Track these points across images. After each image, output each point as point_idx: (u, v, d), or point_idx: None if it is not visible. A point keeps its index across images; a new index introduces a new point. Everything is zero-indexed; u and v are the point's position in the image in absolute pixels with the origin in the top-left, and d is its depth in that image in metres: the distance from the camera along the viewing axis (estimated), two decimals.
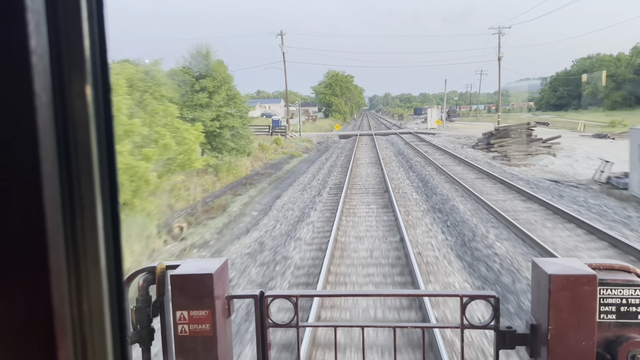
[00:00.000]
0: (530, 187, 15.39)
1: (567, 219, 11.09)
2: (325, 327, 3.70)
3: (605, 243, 9.32)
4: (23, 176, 0.55)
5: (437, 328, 5.69)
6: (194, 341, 1.61)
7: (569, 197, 13.94)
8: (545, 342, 1.49)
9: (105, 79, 0.62)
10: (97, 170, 0.61)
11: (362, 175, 19.49)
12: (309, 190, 16.46)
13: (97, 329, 0.62)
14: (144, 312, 1.67)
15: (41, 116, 0.55)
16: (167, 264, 1.74)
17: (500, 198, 13.89)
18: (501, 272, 7.94)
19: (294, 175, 21.64)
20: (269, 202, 15.28)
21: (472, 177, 18.09)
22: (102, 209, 0.62)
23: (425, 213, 12.39)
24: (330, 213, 12.39)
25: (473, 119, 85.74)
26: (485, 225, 10.88)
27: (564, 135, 30.64)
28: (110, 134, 0.64)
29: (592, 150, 24.66)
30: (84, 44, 0.59)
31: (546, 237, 9.65)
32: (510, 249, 9.12)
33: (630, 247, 8.67)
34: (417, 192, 15.41)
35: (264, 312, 1.75)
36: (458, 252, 9.10)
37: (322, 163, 25.00)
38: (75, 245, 0.60)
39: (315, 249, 9.56)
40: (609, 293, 1.50)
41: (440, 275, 7.89)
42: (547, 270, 1.49)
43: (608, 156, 18.10)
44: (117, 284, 0.64)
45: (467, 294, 1.68)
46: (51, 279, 0.56)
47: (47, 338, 0.56)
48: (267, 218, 12.79)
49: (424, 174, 19.42)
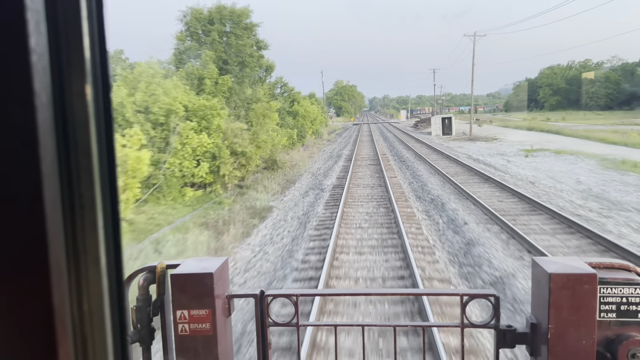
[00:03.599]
0: (420, 134, 52.33)
1: (415, 139, 45.63)
2: (325, 326, 3.71)
3: (422, 143, 38.45)
4: (23, 176, 0.55)
5: (437, 327, 5.71)
6: (195, 340, 1.61)
7: (422, 137, 47.45)
8: (545, 340, 1.49)
9: (105, 78, 0.62)
10: (97, 170, 0.61)
11: (365, 130, 65.57)
12: (349, 131, 65.85)
13: (98, 328, 0.62)
14: (144, 311, 1.67)
15: (41, 116, 0.55)
16: (167, 263, 1.74)
17: (399, 132, 59.72)
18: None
19: (341, 132, 64.45)
20: (339, 136, 56.36)
21: (399, 126, 75.82)
22: (102, 208, 0.62)
23: (380, 133, 60.55)
24: (356, 135, 53.60)
25: None
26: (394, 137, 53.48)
27: (467, 124, 52.71)
28: (110, 133, 0.64)
29: (459, 127, 51.46)
30: (83, 43, 0.59)
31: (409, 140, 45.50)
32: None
33: (426, 143, 38.49)
34: (378, 130, 69.85)
35: (264, 311, 1.75)
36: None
37: (350, 130, 68.49)
38: (76, 245, 0.60)
39: (354, 140, 45.16)
40: (609, 292, 1.50)
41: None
42: (547, 269, 1.50)
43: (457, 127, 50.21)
44: (117, 283, 0.64)
45: (467, 292, 1.69)
46: (51, 278, 0.56)
47: (47, 337, 0.56)
48: (340, 137, 54.24)
49: (384, 125, 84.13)
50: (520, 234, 9.90)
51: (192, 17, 23.21)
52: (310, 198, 15.60)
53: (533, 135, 41.86)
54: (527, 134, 44.93)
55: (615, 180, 17.51)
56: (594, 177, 18.36)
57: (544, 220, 11.47)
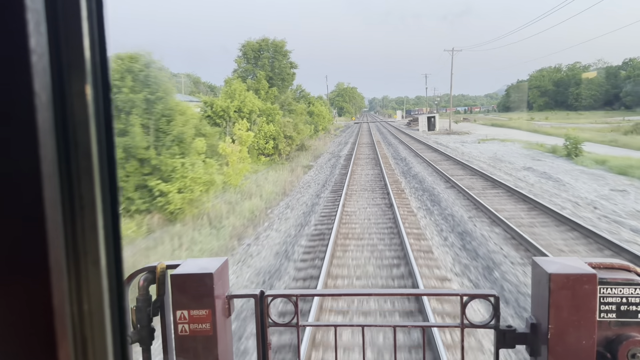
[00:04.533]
0: (410, 130, 60.97)
1: (405, 133, 55.33)
2: (325, 326, 3.70)
3: (408, 136, 48.07)
4: (23, 176, 0.55)
5: (437, 327, 5.70)
6: (194, 340, 1.61)
7: (411, 132, 56.11)
8: (545, 341, 1.49)
9: (105, 78, 0.62)
10: (97, 170, 0.61)
11: (365, 128, 72.27)
12: (351, 128, 73.87)
13: (98, 329, 0.62)
14: (144, 311, 1.67)
15: (41, 116, 0.55)
16: (167, 263, 1.74)
17: (392, 129, 68.86)
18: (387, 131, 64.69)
19: (344, 129, 70.23)
20: (343, 132, 64.41)
21: (395, 124, 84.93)
22: (102, 208, 0.62)
23: (377, 129, 68.71)
24: (358, 130, 64.47)
25: None
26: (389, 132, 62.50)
27: (457, 123, 73.81)
28: (110, 133, 0.63)
29: (444, 125, 61.25)
30: (83, 44, 0.59)
31: (400, 134, 54.57)
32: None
33: (408, 138, 45.95)
34: (377, 127, 75.19)
35: (264, 311, 1.75)
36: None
37: (352, 127, 76.71)
38: (76, 245, 0.60)
39: (356, 134, 55.48)
40: (609, 292, 1.50)
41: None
42: (547, 269, 1.50)
43: (440, 124, 60.15)
44: (117, 284, 0.64)
45: (467, 293, 1.69)
46: (51, 278, 0.56)
47: (47, 338, 0.56)
48: (344, 132, 62.96)
49: (382, 124, 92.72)
50: (435, 167, 21.47)
51: (247, 47, 34.76)
52: (332, 162, 27.32)
53: (499, 130, 51.74)
54: (496, 129, 54.83)
55: (518, 153, 28.30)
56: (507, 151, 29.34)
57: (452, 164, 22.75)
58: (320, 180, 19.78)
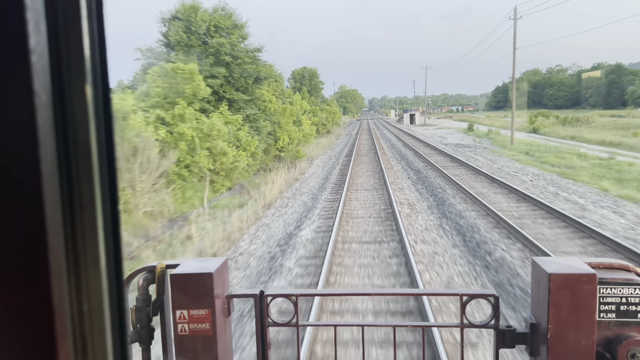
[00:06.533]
0: (397, 124, 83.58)
1: (393, 125, 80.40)
2: (325, 326, 3.70)
3: (395, 127, 72.87)
4: (22, 175, 0.55)
5: (437, 327, 5.71)
6: (194, 340, 1.61)
7: (398, 125, 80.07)
8: (545, 341, 1.49)
9: (105, 78, 0.62)
10: (97, 170, 0.61)
11: (364, 122, 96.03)
12: (354, 124, 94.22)
13: (97, 328, 0.62)
14: (143, 311, 1.67)
15: (40, 115, 0.55)
16: (166, 263, 1.74)
17: (386, 123, 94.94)
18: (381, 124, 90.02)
19: (349, 124, 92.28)
20: (349, 125, 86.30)
21: (389, 121, 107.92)
22: (102, 208, 0.62)
23: (374, 124, 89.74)
24: (360, 124, 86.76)
25: (429, 115, 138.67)
26: (383, 125, 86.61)
27: (438, 119, 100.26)
28: (110, 133, 0.63)
29: (423, 120, 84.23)
30: (83, 43, 0.59)
31: (389, 127, 75.34)
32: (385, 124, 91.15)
33: (394, 127, 70.91)
34: (374, 122, 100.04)
35: (264, 311, 1.75)
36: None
37: (355, 123, 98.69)
38: (75, 245, 0.60)
39: (359, 125, 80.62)
40: (609, 292, 1.50)
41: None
42: (547, 269, 1.49)
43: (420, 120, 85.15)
44: (117, 283, 0.64)
45: (467, 293, 1.69)
46: (51, 278, 0.56)
47: (46, 337, 0.56)
48: (350, 126, 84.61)
49: (379, 120, 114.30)
50: (400, 138, 43.63)
51: (295, 73, 58.88)
52: (349, 136, 51.50)
53: (459, 123, 72.10)
54: (458, 123, 75.94)
55: (447, 133, 49.48)
56: (442, 132, 51.07)
57: (409, 137, 44.20)
58: (345, 142, 43.26)
